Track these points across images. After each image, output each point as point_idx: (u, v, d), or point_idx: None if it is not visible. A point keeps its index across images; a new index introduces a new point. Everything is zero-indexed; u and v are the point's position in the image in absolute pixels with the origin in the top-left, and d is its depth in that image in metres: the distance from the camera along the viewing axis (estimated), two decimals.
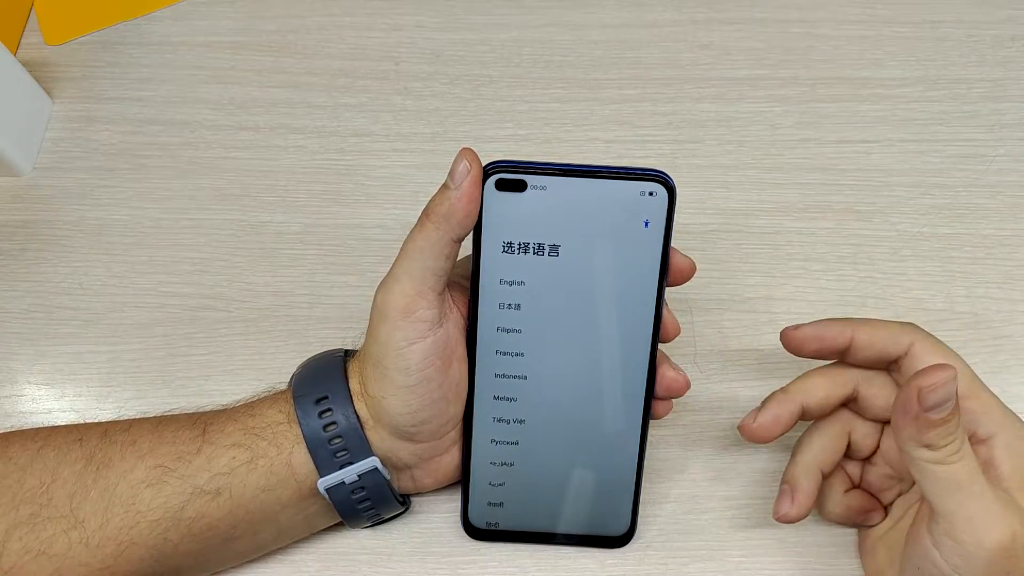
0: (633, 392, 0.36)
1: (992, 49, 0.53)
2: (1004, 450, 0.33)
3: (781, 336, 0.37)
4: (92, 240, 0.48)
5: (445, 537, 0.40)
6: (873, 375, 0.36)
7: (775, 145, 0.50)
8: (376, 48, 0.54)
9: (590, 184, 0.32)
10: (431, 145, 0.50)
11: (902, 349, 0.35)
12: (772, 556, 0.39)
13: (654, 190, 0.33)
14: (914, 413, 0.31)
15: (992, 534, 0.31)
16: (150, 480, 0.34)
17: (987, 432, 0.33)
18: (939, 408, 0.30)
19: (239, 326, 0.45)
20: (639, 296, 0.34)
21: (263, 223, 0.48)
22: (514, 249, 0.33)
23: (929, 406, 0.30)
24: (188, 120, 0.51)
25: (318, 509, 0.36)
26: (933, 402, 0.30)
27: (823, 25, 0.54)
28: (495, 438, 0.37)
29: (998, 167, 0.49)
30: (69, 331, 0.45)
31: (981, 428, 0.34)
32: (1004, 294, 0.45)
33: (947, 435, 0.31)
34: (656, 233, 0.33)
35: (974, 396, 0.34)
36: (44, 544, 0.33)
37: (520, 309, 0.34)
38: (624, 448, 0.37)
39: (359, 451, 0.35)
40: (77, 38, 0.55)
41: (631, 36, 0.54)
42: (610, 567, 0.39)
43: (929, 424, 0.30)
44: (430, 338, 0.34)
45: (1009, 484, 0.32)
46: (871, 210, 0.48)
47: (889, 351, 0.35)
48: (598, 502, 0.38)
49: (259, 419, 0.35)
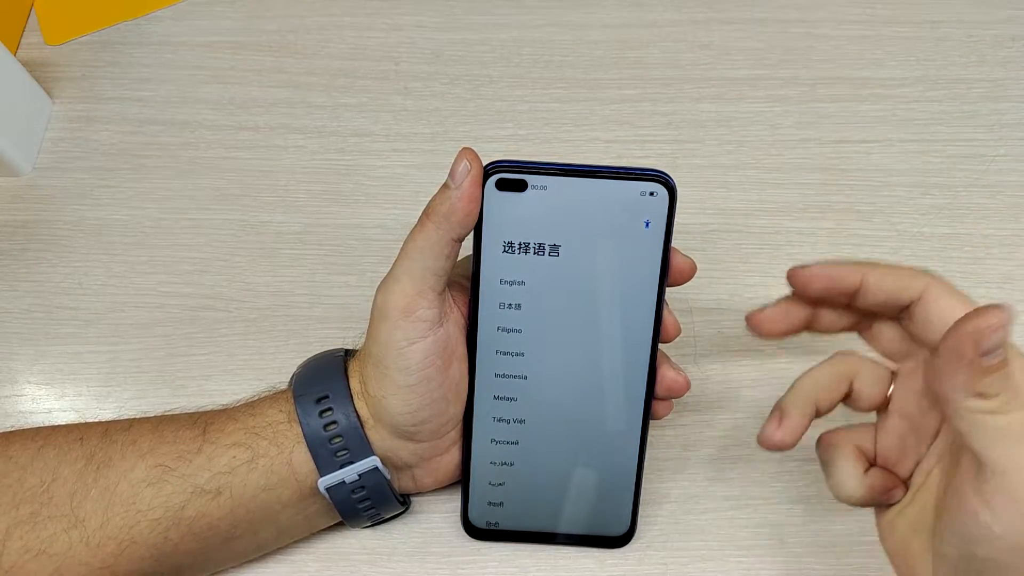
0: (633, 392, 0.36)
1: (992, 49, 0.53)
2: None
3: (788, 275, 0.34)
4: (92, 240, 0.48)
5: (445, 537, 0.40)
6: (869, 368, 0.34)
7: (775, 145, 0.50)
8: (376, 48, 0.54)
9: (591, 184, 0.32)
10: (431, 145, 0.50)
11: (916, 293, 0.32)
12: (772, 556, 0.39)
13: (655, 190, 0.33)
14: (969, 358, 0.28)
15: None
16: (151, 479, 0.34)
17: None
18: (995, 352, 0.28)
19: (239, 326, 0.45)
20: (639, 296, 0.34)
21: (263, 223, 0.48)
22: (514, 249, 0.33)
23: (986, 350, 0.28)
24: (188, 120, 0.51)
25: (318, 509, 0.36)
26: (990, 346, 0.28)
27: (823, 25, 0.54)
28: (495, 438, 0.37)
29: (998, 167, 0.49)
30: (69, 331, 0.45)
31: None
32: (1004, 294, 0.45)
33: (1001, 381, 0.28)
34: (657, 233, 0.33)
35: None
36: (44, 543, 0.33)
37: (520, 309, 0.34)
38: (624, 448, 0.37)
39: (359, 451, 0.35)
40: (77, 38, 0.55)
41: (631, 36, 0.54)
42: (610, 567, 0.39)
43: (984, 370, 0.28)
44: (430, 338, 0.34)
45: None
46: (871, 210, 0.48)
47: (900, 295, 0.32)
48: (598, 502, 0.38)
49: (259, 418, 0.35)
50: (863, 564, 0.39)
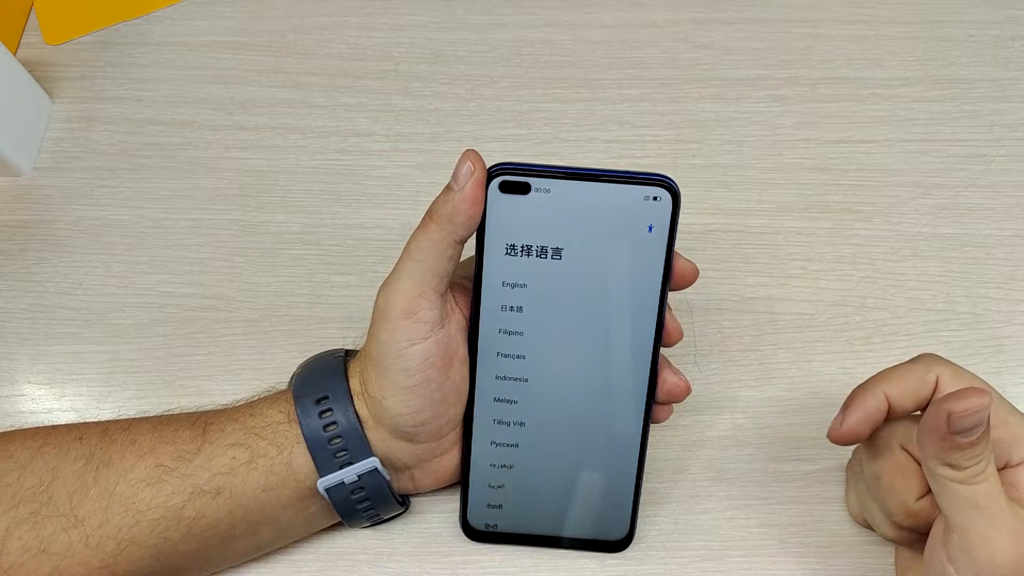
0: (634, 396, 0.36)
1: (992, 49, 0.53)
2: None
3: (833, 440, 0.35)
4: (92, 240, 0.48)
5: (444, 537, 0.40)
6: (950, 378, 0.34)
7: (775, 145, 0.50)
8: (376, 48, 0.54)
9: (594, 188, 0.32)
10: (431, 145, 0.50)
11: (930, 389, 0.34)
12: (772, 556, 0.39)
13: (658, 195, 0.32)
14: (941, 433, 0.30)
15: (1004, 552, 0.30)
16: (150, 479, 0.34)
17: (1020, 458, 0.33)
18: (968, 432, 0.30)
19: (239, 326, 0.45)
20: (642, 300, 0.34)
21: (263, 223, 0.48)
22: (517, 251, 0.33)
23: (958, 430, 0.30)
24: (188, 120, 0.51)
25: (318, 509, 0.36)
26: (964, 427, 0.29)
27: (823, 25, 0.54)
28: (495, 440, 0.37)
29: (998, 167, 0.49)
30: (69, 331, 0.45)
31: (1015, 455, 0.33)
32: (1004, 294, 0.45)
33: (973, 456, 0.30)
34: (660, 238, 0.33)
35: (1002, 424, 0.33)
36: (44, 543, 0.33)
37: (522, 311, 0.34)
38: (624, 452, 0.36)
39: (359, 451, 0.35)
40: (77, 38, 0.55)
41: (631, 36, 0.54)
42: (611, 567, 0.39)
43: (956, 446, 0.30)
44: (432, 339, 0.33)
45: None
46: (871, 210, 0.48)
47: (921, 395, 0.34)
48: (597, 506, 0.38)
49: (259, 419, 0.35)
50: (863, 564, 0.39)
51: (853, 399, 0.35)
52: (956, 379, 0.33)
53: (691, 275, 0.35)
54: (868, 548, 0.39)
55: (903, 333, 0.44)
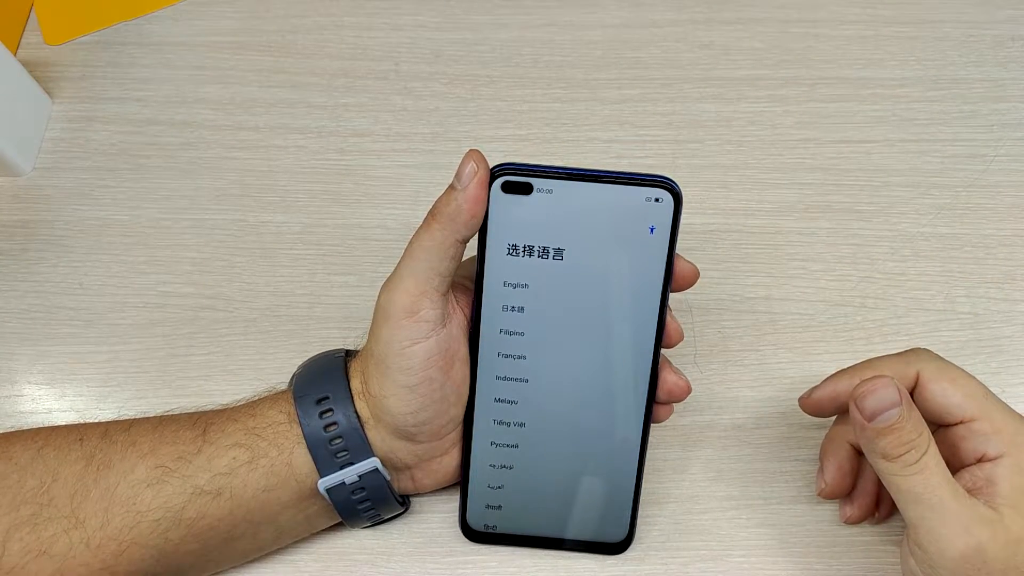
0: (634, 397, 0.36)
1: (992, 49, 0.53)
2: (1008, 469, 0.33)
3: (801, 405, 0.38)
4: (92, 240, 0.48)
5: (444, 538, 0.40)
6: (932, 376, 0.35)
7: (775, 145, 0.50)
8: (376, 48, 0.54)
9: (596, 189, 0.32)
10: (431, 145, 0.50)
11: (910, 382, 0.34)
12: (772, 556, 0.39)
13: (660, 196, 0.32)
14: (859, 423, 0.32)
15: (955, 546, 0.31)
16: (151, 480, 0.34)
17: (997, 451, 0.33)
18: (880, 418, 0.31)
19: (239, 326, 0.45)
20: (643, 301, 0.34)
21: (263, 223, 0.48)
22: (519, 251, 0.33)
23: (868, 415, 0.31)
24: (188, 120, 0.51)
25: (318, 509, 0.36)
26: (870, 410, 0.31)
27: (823, 25, 0.54)
28: (495, 440, 0.37)
29: (998, 167, 0.49)
30: (69, 331, 0.45)
31: (991, 448, 0.33)
32: (1004, 294, 0.45)
33: (900, 446, 0.31)
34: (661, 239, 0.33)
35: (985, 417, 0.33)
36: (45, 544, 0.33)
37: (523, 312, 0.34)
38: (624, 453, 0.36)
39: (360, 451, 0.35)
40: (77, 38, 0.55)
41: (631, 36, 0.54)
42: (610, 567, 0.39)
43: (877, 433, 0.31)
44: (433, 338, 0.34)
45: (1003, 502, 0.32)
46: (871, 210, 0.48)
47: None
48: (597, 508, 0.38)
49: (260, 419, 0.35)
50: (863, 564, 0.39)
51: (831, 377, 0.37)
52: (940, 374, 0.34)
53: (692, 276, 0.35)
54: (868, 548, 0.39)
55: (903, 333, 0.44)
